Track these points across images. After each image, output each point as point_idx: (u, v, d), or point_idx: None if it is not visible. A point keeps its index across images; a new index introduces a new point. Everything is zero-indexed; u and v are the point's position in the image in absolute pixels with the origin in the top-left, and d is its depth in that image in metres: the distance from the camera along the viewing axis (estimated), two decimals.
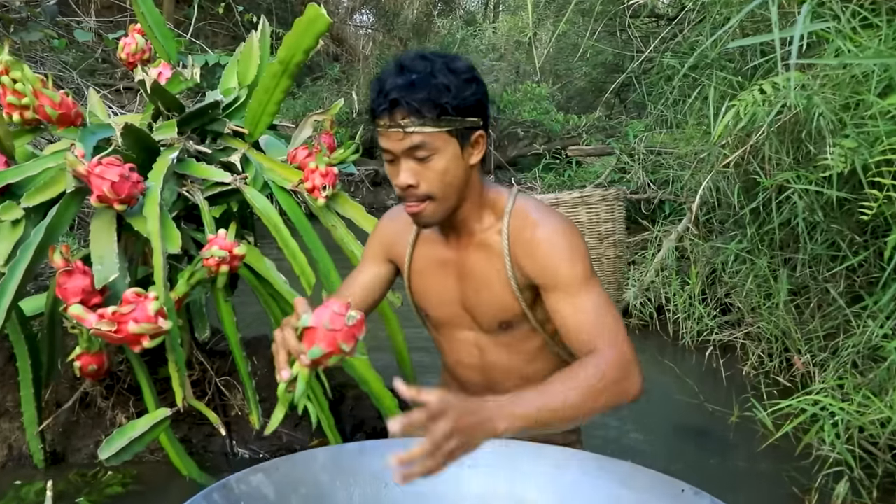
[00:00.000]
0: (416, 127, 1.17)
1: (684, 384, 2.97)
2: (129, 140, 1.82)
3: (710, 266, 3.69)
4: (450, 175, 1.23)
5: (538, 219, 1.30)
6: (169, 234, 1.67)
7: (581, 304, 1.22)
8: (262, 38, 2.21)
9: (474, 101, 1.22)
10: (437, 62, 1.21)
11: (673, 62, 3.16)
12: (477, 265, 1.34)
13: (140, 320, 1.44)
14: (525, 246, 1.28)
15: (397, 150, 1.20)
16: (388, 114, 1.18)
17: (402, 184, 1.22)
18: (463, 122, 1.21)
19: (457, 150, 1.22)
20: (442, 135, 1.20)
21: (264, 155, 2.14)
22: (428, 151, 1.19)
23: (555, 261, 1.25)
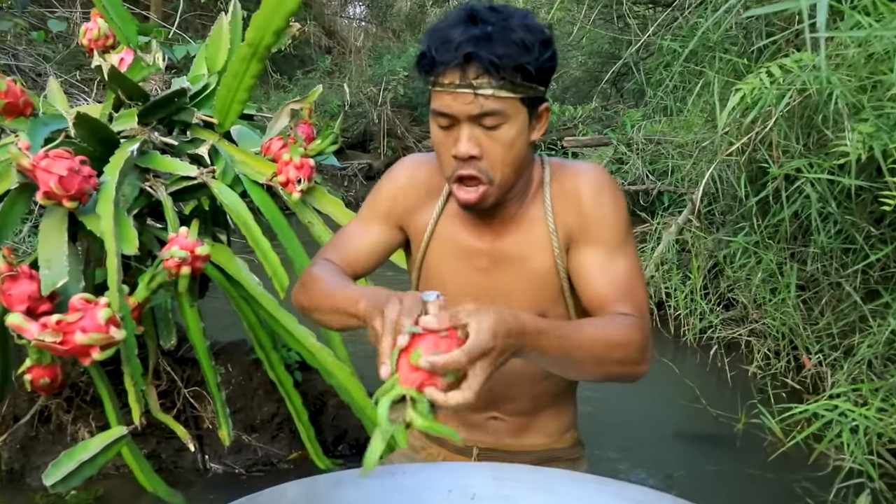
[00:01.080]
0: (493, 90, 1.01)
1: (686, 386, 2.82)
2: (84, 131, 1.67)
3: (712, 259, 3.55)
4: (515, 149, 1.07)
5: (580, 168, 1.17)
6: (125, 234, 1.52)
7: (618, 264, 1.09)
8: (234, 22, 2.06)
9: (549, 67, 1.06)
10: (514, 16, 1.05)
11: (674, 45, 3.01)
12: (514, 247, 1.17)
13: (88, 330, 1.29)
14: (569, 196, 1.14)
15: (463, 114, 1.03)
16: (460, 70, 1.01)
17: (465, 153, 1.04)
18: (536, 90, 1.06)
19: (525, 121, 1.07)
20: (516, 102, 1.04)
21: (236, 146, 1.98)
22: (498, 119, 1.03)
23: (601, 211, 1.11)
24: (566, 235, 1.14)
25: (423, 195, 1.22)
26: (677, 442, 2.58)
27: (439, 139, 1.08)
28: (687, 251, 3.69)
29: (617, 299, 1.05)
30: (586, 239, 1.11)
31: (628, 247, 1.11)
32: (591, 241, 1.11)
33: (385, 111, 9.40)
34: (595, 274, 1.09)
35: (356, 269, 1.23)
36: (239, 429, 2.04)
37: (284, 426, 2.11)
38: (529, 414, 1.26)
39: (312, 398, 2.13)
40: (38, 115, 1.74)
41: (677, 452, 2.51)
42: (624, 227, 1.12)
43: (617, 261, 1.09)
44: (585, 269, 1.10)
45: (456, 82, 1.02)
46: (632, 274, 1.08)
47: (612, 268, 1.08)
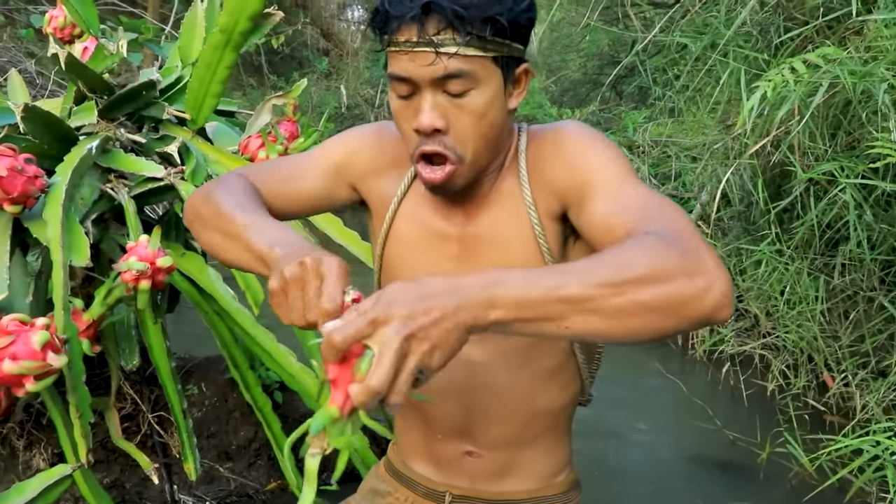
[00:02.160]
0: (458, 47, 0.84)
1: (696, 404, 2.64)
2: (34, 126, 1.49)
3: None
4: (488, 120, 0.89)
5: (558, 125, 0.98)
6: (75, 243, 1.34)
7: (626, 191, 0.86)
8: (210, 8, 1.87)
9: (527, 20, 0.89)
10: None
11: (685, 40, 2.84)
12: (486, 229, 0.98)
13: (20, 357, 1.10)
14: (549, 157, 0.95)
15: (423, 78, 0.86)
16: (418, 24, 0.84)
17: (427, 126, 0.87)
18: (511, 49, 0.88)
19: (500, 85, 0.89)
20: (487, 62, 0.86)
21: (210, 145, 1.80)
22: (466, 84, 0.86)
23: (590, 159, 0.91)
24: (554, 204, 0.94)
25: (390, 163, 1.04)
26: (692, 469, 2.38)
27: (398, 110, 0.91)
28: None
29: (636, 223, 0.80)
30: (583, 193, 0.90)
31: (634, 178, 0.89)
32: (589, 191, 0.89)
33: (382, 113, 9.28)
34: (604, 215, 0.86)
35: (278, 205, 1.02)
36: (212, 456, 1.86)
37: (262, 452, 1.92)
38: (513, 448, 1.05)
39: (293, 422, 1.95)
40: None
41: (693, 482, 2.30)
42: (626, 166, 0.90)
43: (629, 191, 0.86)
44: (592, 220, 0.88)
45: (413, 39, 0.84)
46: (652, 197, 0.85)
47: (620, 198, 0.86)
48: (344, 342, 0.63)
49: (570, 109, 9.16)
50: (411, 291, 0.64)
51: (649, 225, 0.78)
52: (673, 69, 3.42)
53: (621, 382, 2.76)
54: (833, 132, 2.13)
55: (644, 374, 3.00)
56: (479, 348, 0.99)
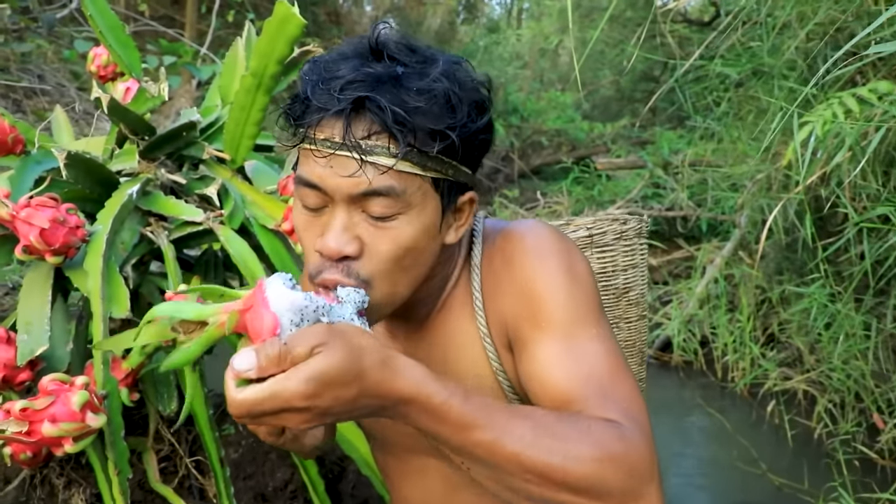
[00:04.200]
0: (391, 158, 0.69)
1: (738, 443, 2.56)
2: (77, 172, 1.49)
3: (761, 294, 3.30)
4: (413, 254, 0.75)
5: (514, 231, 0.83)
6: (115, 294, 1.33)
7: (582, 349, 0.76)
8: (249, 46, 1.87)
9: (481, 142, 0.76)
10: (439, 60, 0.73)
11: (727, 69, 2.79)
12: (434, 354, 0.87)
13: (59, 419, 1.09)
14: (501, 274, 0.82)
15: (339, 190, 0.72)
16: (343, 122, 0.69)
17: (333, 251, 0.73)
18: (457, 172, 0.75)
19: (436, 215, 0.75)
20: (425, 184, 0.73)
21: (249, 185, 1.79)
22: (392, 206, 0.72)
23: (546, 284, 0.78)
24: (505, 330, 0.83)
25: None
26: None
27: (301, 224, 0.77)
28: (734, 285, 3.44)
29: (588, 398, 0.72)
30: (532, 326, 0.78)
31: (597, 327, 0.78)
32: (539, 327, 0.78)
33: None
34: (550, 369, 0.76)
35: None
36: (248, 498, 1.84)
37: (299, 495, 1.90)
38: None
39: (330, 464, 1.93)
40: (30, 152, 1.56)
41: None
42: (586, 300, 0.79)
43: (580, 346, 0.76)
44: (537, 369, 0.77)
45: (335, 139, 0.70)
46: (608, 362, 0.75)
47: (573, 356, 0.75)
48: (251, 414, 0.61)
49: (601, 124, 9.13)
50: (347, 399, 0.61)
51: (604, 407, 0.71)
52: (713, 94, 3.36)
53: (660, 414, 2.70)
54: (886, 169, 2.06)
55: (684, 408, 2.94)
56: (454, 470, 0.90)
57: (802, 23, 2.54)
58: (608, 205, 5.22)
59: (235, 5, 5.67)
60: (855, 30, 2.29)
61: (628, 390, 0.75)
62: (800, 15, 2.50)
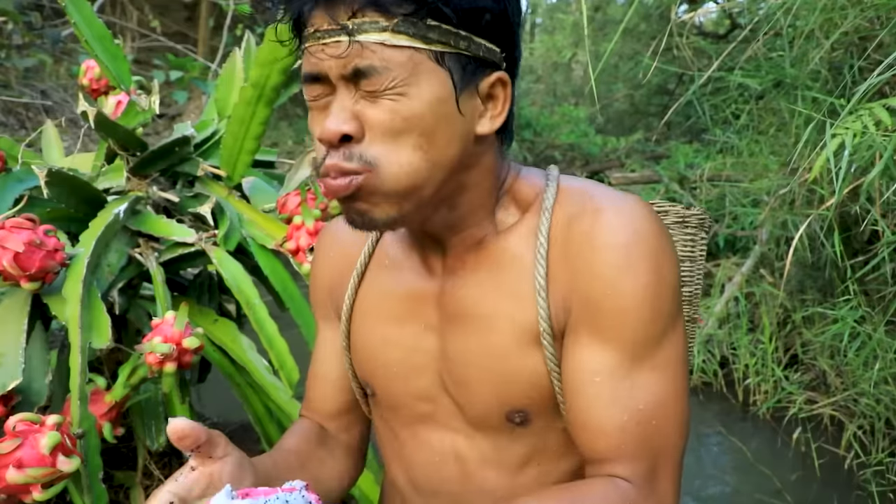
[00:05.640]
0: (380, 32, 0.63)
1: (761, 472, 2.43)
2: (60, 190, 1.40)
3: (784, 313, 3.17)
4: (420, 130, 0.66)
5: (605, 202, 0.71)
6: (96, 322, 1.24)
7: (638, 382, 0.67)
8: (247, 58, 1.79)
9: (491, 3, 0.67)
10: None
11: (748, 80, 2.68)
12: (478, 298, 0.75)
13: (26, 463, 0.99)
14: (576, 243, 0.70)
15: (331, 72, 0.66)
16: (323, 8, 0.65)
17: (331, 132, 0.65)
18: (471, 44, 0.67)
19: (446, 93, 0.66)
20: (423, 58, 0.65)
21: (246, 203, 1.70)
22: (389, 80, 0.64)
23: (625, 287, 0.67)
24: (565, 305, 0.71)
25: (340, 257, 0.88)
26: None
27: (310, 120, 0.71)
28: (756, 304, 3.32)
29: (621, 448, 0.66)
30: (592, 325, 0.69)
31: (668, 348, 0.68)
32: (601, 336, 0.68)
33: None
34: (594, 392, 0.67)
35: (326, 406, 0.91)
36: None
37: None
38: None
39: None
40: (11, 170, 1.48)
41: None
42: (663, 317, 0.68)
43: (638, 374, 0.67)
44: (580, 378, 0.68)
45: (319, 24, 0.65)
46: (661, 405, 0.67)
47: (626, 384, 0.67)
48: None
49: (615, 138, 9.03)
50: None
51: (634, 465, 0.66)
52: (731, 107, 3.25)
53: None
54: None
55: (703, 434, 2.81)
56: (471, 448, 0.80)
57: (827, 32, 2.43)
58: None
59: (244, 20, 5.63)
60: (884, 38, 2.18)
61: (670, 439, 0.67)
62: (824, 24, 2.39)
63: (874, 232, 2.39)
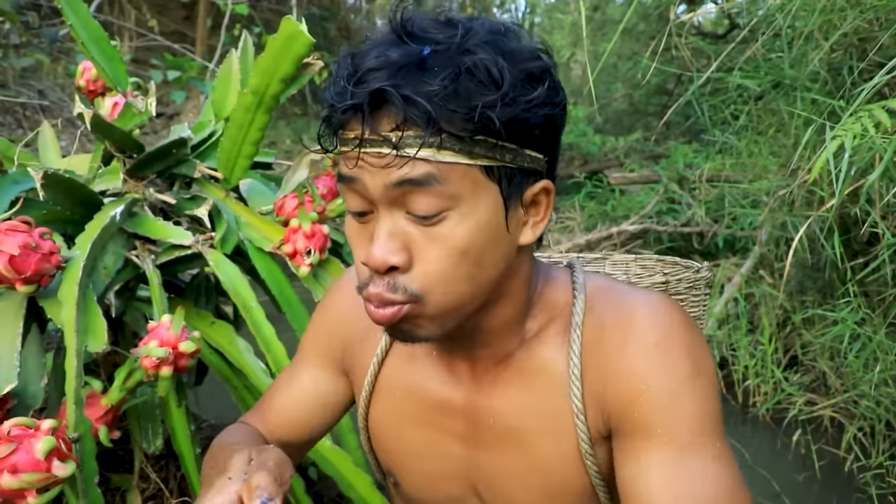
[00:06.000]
0: (425, 149, 0.59)
1: (761, 476, 2.42)
2: (55, 192, 1.39)
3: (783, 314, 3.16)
4: (472, 259, 0.63)
5: (635, 304, 0.71)
6: (92, 325, 1.23)
7: (696, 471, 0.64)
8: (244, 59, 1.78)
9: (541, 118, 0.64)
10: (476, 31, 0.63)
11: (747, 81, 2.67)
12: (512, 413, 0.74)
13: (21, 469, 0.98)
14: (612, 349, 0.70)
15: (375, 187, 0.63)
16: (368, 117, 0.61)
17: (378, 261, 0.63)
18: (517, 156, 0.64)
19: (496, 208, 0.64)
20: (473, 172, 0.62)
21: (243, 205, 1.69)
22: (436, 201, 0.61)
23: (660, 389, 0.66)
24: (604, 417, 0.71)
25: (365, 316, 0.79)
26: None
27: (351, 233, 0.68)
28: (755, 305, 3.31)
29: None
30: (641, 431, 0.67)
31: (721, 441, 0.67)
32: (653, 436, 0.66)
33: None
34: (657, 491, 0.64)
35: (281, 433, 0.88)
36: None
37: None
38: None
39: (329, 501, 1.81)
40: (7, 171, 1.47)
41: None
42: (711, 408, 0.67)
43: (698, 466, 0.64)
44: (641, 485, 0.65)
45: (361, 135, 0.62)
46: (724, 489, 0.64)
47: (687, 479, 0.64)
48: None
49: (614, 138, 9.02)
50: None
51: None
52: (730, 107, 3.25)
53: None
54: None
55: None
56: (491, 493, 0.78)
57: (826, 33, 2.43)
58: (622, 220, 5.10)
59: (242, 20, 5.62)
60: (883, 40, 2.17)
61: None
62: (823, 25, 2.39)
63: (874, 234, 2.39)
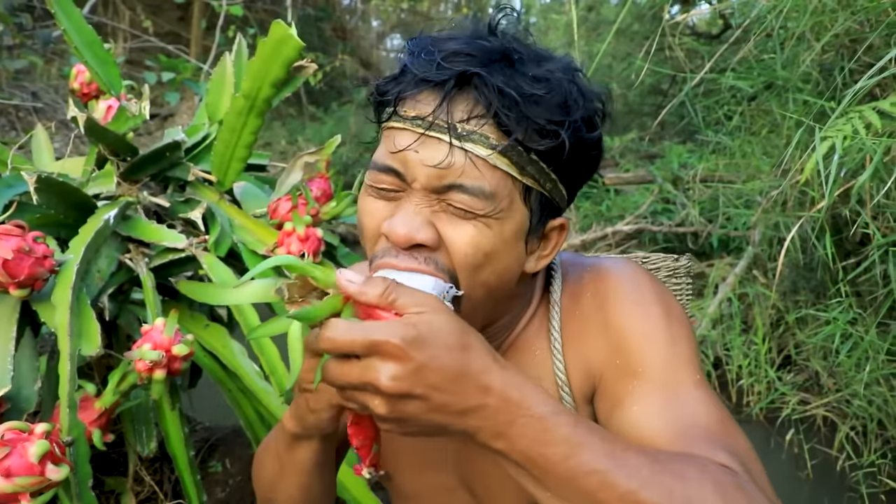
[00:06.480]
0: (490, 150, 0.59)
1: None
2: (49, 196, 1.39)
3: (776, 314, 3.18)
4: (492, 267, 0.64)
5: (602, 269, 0.74)
6: (85, 329, 1.23)
7: (685, 399, 0.66)
8: (238, 62, 1.78)
9: (590, 158, 0.67)
10: (554, 57, 0.65)
11: (739, 83, 2.68)
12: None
13: (15, 473, 0.99)
14: (588, 315, 0.72)
15: (420, 180, 0.62)
16: (440, 97, 0.59)
17: (401, 235, 0.61)
18: (555, 187, 0.65)
19: (521, 231, 0.65)
20: (515, 190, 0.62)
21: (237, 208, 1.70)
22: (479, 206, 0.61)
23: (642, 327, 0.69)
24: (588, 380, 0.73)
25: None
26: None
27: (366, 205, 0.67)
28: (749, 305, 3.32)
29: (695, 448, 0.62)
30: (628, 376, 0.68)
31: (700, 373, 0.69)
32: (636, 376, 0.68)
33: None
34: (650, 419, 0.65)
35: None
36: None
37: None
38: None
39: None
40: (3, 175, 1.47)
41: None
42: (687, 345, 0.70)
43: (684, 393, 0.66)
44: (634, 420, 0.66)
45: (428, 116, 0.60)
46: (715, 410, 0.66)
47: (677, 404, 0.65)
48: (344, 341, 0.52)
49: (609, 137, 9.04)
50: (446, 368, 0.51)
51: (712, 452, 0.60)
52: (723, 108, 3.26)
53: None
54: None
55: None
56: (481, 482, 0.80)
57: (817, 34, 2.44)
58: (617, 220, 5.11)
59: (237, 21, 5.61)
60: (874, 41, 2.18)
61: (740, 440, 0.65)
62: (815, 26, 2.40)
63: (866, 234, 2.40)
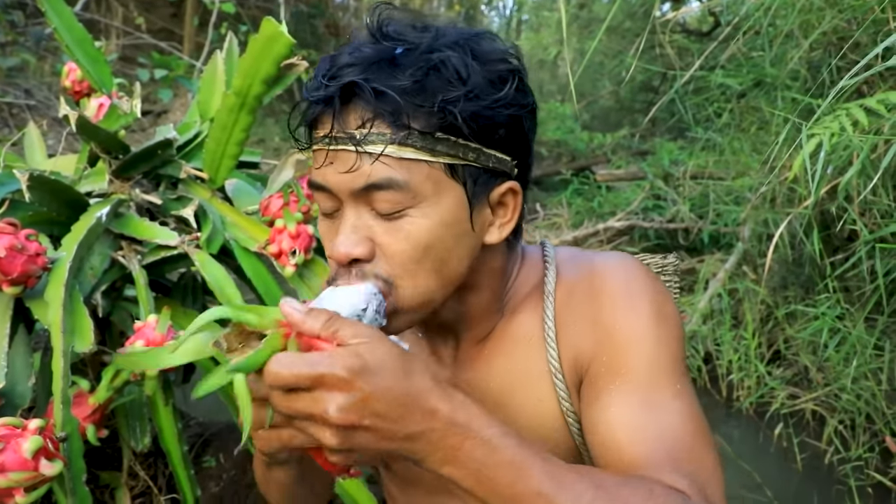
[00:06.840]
0: (387, 145, 0.62)
1: (741, 468, 2.45)
2: (41, 194, 1.40)
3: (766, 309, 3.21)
4: (435, 253, 0.66)
5: (598, 263, 0.76)
6: (78, 325, 1.24)
7: (661, 409, 0.68)
8: (229, 59, 1.79)
9: (506, 118, 0.67)
10: (448, 34, 0.66)
11: (729, 80, 2.70)
12: (493, 380, 0.78)
13: (9, 468, 1.00)
14: (580, 306, 0.74)
15: (340, 188, 0.65)
16: (336, 114, 0.63)
17: (341, 255, 0.65)
18: (481, 155, 0.66)
19: (459, 207, 0.66)
20: (435, 172, 0.64)
21: (229, 206, 1.70)
22: (398, 198, 0.64)
23: (630, 327, 0.71)
24: (578, 370, 0.74)
25: None
26: None
27: (322, 231, 0.71)
28: (739, 301, 3.35)
29: (657, 462, 0.65)
30: (611, 372, 0.70)
31: (682, 382, 0.71)
32: (618, 374, 0.70)
33: None
34: (622, 421, 0.68)
35: None
36: None
37: None
38: None
39: None
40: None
41: None
42: (673, 350, 0.71)
43: (661, 401, 0.68)
44: (607, 418, 0.69)
45: (328, 133, 0.64)
46: (688, 423, 0.68)
47: (651, 411, 0.67)
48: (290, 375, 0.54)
49: (601, 134, 9.05)
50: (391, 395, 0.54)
51: (674, 475, 0.62)
52: (713, 105, 3.28)
53: None
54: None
55: None
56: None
57: (805, 32, 2.46)
58: (608, 217, 5.13)
59: (229, 18, 5.61)
60: (860, 39, 2.21)
61: (706, 459, 0.68)
62: (803, 24, 2.42)
63: (853, 230, 2.43)
